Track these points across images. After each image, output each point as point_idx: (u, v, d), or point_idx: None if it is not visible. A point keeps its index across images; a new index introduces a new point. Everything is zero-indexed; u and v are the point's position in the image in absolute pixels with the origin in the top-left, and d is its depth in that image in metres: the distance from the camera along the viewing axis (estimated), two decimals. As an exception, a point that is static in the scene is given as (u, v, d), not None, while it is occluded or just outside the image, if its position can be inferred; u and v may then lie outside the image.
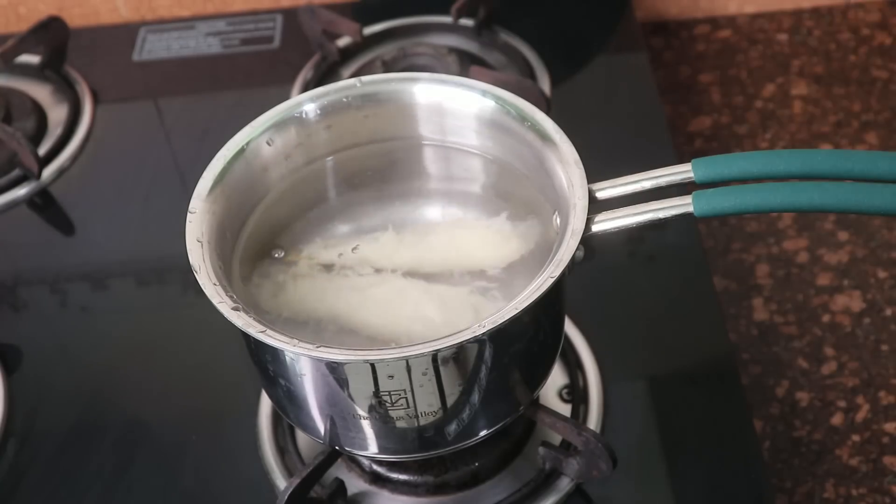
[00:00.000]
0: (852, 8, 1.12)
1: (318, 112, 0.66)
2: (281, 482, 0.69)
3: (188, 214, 0.60)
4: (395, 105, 0.66)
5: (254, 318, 0.55)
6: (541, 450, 0.68)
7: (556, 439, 0.69)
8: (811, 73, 1.06)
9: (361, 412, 0.59)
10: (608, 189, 0.59)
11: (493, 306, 0.60)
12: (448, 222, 0.66)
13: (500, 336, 0.57)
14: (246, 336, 0.57)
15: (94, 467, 0.73)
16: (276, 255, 0.64)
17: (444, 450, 0.62)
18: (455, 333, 0.53)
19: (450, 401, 0.58)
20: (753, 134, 1.01)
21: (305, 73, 0.99)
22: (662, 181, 0.59)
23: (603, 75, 0.99)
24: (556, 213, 0.60)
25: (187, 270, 0.57)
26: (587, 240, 0.57)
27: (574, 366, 0.74)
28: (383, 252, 0.64)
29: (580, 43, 1.02)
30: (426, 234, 0.64)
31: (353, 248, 0.64)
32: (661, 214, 0.58)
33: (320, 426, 0.62)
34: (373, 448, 0.62)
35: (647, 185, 0.59)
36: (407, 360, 0.55)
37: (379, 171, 0.68)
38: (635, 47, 1.00)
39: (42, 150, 0.94)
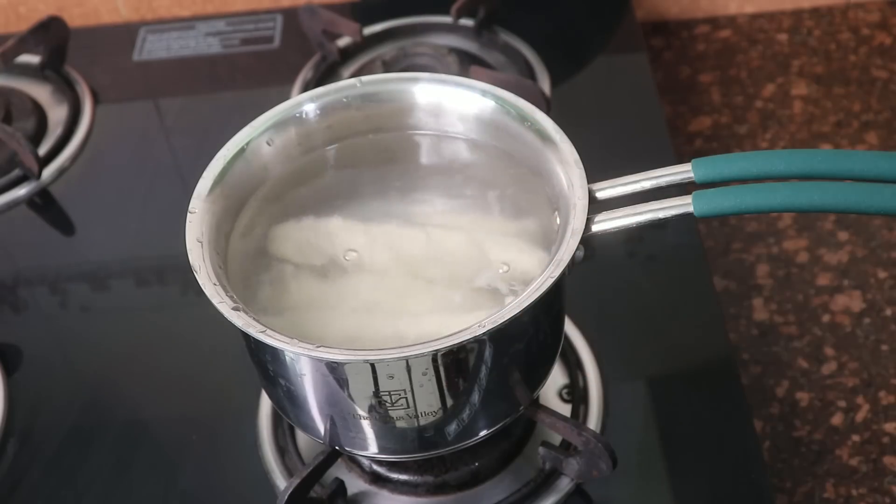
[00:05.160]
0: (852, 8, 1.12)
1: (318, 112, 0.66)
2: (281, 482, 0.69)
3: (188, 214, 0.60)
4: (396, 105, 0.66)
5: (254, 318, 0.55)
6: (541, 450, 0.68)
7: (556, 439, 0.69)
8: (811, 73, 1.06)
9: (361, 412, 0.59)
10: (608, 189, 0.59)
11: (494, 308, 0.60)
12: (450, 227, 0.65)
13: (500, 336, 0.57)
14: (246, 336, 0.57)
15: (94, 467, 0.73)
16: (276, 254, 0.64)
17: (444, 450, 0.62)
18: (455, 333, 0.53)
19: (450, 401, 0.59)
20: (753, 134, 1.01)
21: (305, 73, 0.99)
22: (662, 181, 0.59)
23: (603, 75, 0.99)
24: (556, 212, 0.60)
25: (187, 270, 0.57)
26: (587, 240, 0.57)
27: (574, 366, 0.74)
28: (383, 252, 0.64)
29: (580, 43, 1.02)
30: (427, 236, 0.64)
31: (353, 248, 0.64)
32: (661, 214, 0.58)
33: (320, 426, 0.62)
34: (373, 448, 0.62)
35: (647, 185, 0.59)
36: (407, 360, 0.55)
37: (379, 169, 0.68)
38: (635, 47, 1.00)
39: (42, 150, 0.94)
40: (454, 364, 0.57)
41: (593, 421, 0.71)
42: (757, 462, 0.69)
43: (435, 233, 0.64)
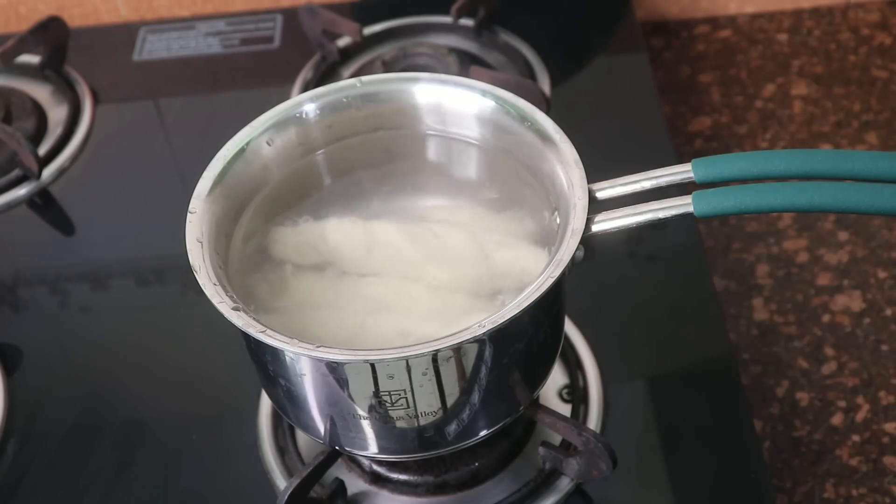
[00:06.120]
0: (852, 8, 1.12)
1: (318, 112, 0.66)
2: (281, 482, 0.69)
3: (188, 214, 0.60)
4: (396, 105, 0.66)
5: (253, 318, 0.55)
6: (541, 450, 0.68)
7: (556, 439, 0.69)
8: (811, 73, 1.06)
9: (361, 412, 0.59)
10: (608, 189, 0.59)
11: (494, 308, 0.60)
12: (450, 227, 0.65)
13: (500, 336, 0.57)
14: (246, 336, 0.57)
15: (94, 467, 0.73)
16: (277, 254, 0.64)
17: (444, 450, 0.62)
18: (455, 333, 0.53)
19: (450, 401, 0.59)
20: (753, 134, 1.01)
21: (305, 73, 0.99)
22: (662, 181, 0.59)
23: (603, 75, 1.00)
24: (556, 212, 0.60)
25: (187, 270, 0.57)
26: (587, 240, 0.57)
27: (574, 366, 0.74)
28: (383, 251, 0.64)
29: (580, 43, 1.02)
30: (428, 236, 0.64)
31: (354, 248, 0.64)
32: (661, 214, 0.58)
33: (320, 426, 0.62)
34: (373, 448, 0.62)
35: (647, 185, 0.59)
36: (407, 360, 0.55)
37: (379, 169, 0.68)
38: (635, 47, 1.00)
39: (42, 150, 0.94)
40: (454, 364, 0.57)
41: (593, 421, 0.71)
42: (757, 462, 0.69)
43: (434, 232, 0.64)
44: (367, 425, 0.60)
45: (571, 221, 0.57)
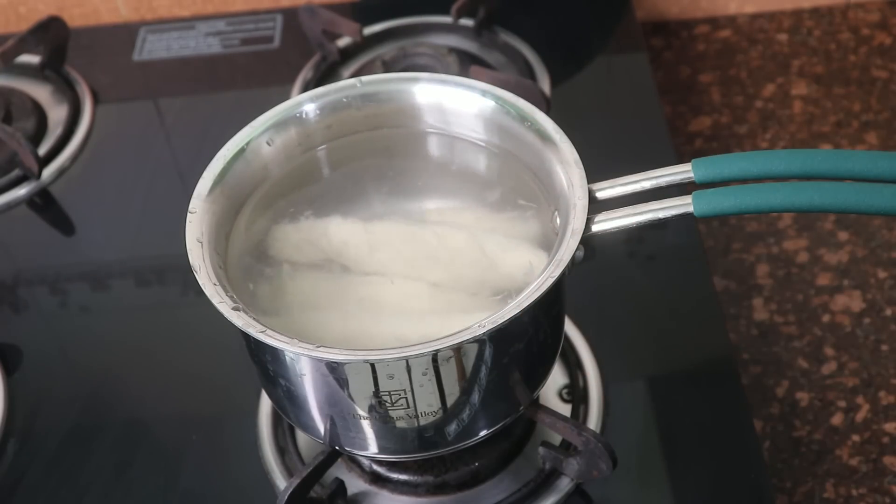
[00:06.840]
0: (852, 8, 1.12)
1: (318, 112, 0.66)
2: (281, 482, 0.69)
3: (188, 214, 0.60)
4: (396, 105, 0.66)
5: (253, 318, 0.55)
6: (541, 450, 0.68)
7: (556, 439, 0.69)
8: (811, 73, 1.06)
9: (361, 412, 0.59)
10: (608, 189, 0.59)
11: (494, 308, 0.60)
12: (450, 227, 0.65)
13: (500, 336, 0.57)
14: (246, 336, 0.57)
15: (94, 467, 0.73)
16: (277, 254, 0.64)
17: (444, 450, 0.62)
18: (455, 333, 0.53)
19: (450, 401, 0.59)
20: (753, 134, 1.02)
21: (305, 73, 0.99)
22: (662, 181, 0.59)
23: (603, 75, 1.00)
24: (556, 212, 0.60)
25: (187, 270, 0.57)
26: (587, 240, 0.57)
27: (574, 366, 0.74)
28: (384, 251, 0.64)
29: (580, 43, 1.02)
30: (428, 236, 0.64)
31: (354, 247, 0.64)
32: (661, 214, 0.58)
33: (320, 426, 0.62)
34: (373, 448, 0.62)
35: (647, 185, 0.59)
36: (407, 360, 0.55)
37: (379, 169, 0.68)
38: (635, 47, 1.00)
39: (42, 150, 0.94)
40: (454, 364, 0.57)
41: (593, 421, 0.71)
42: (757, 462, 0.69)
43: (435, 232, 0.64)
44: (367, 425, 0.60)
45: (571, 221, 0.57)
